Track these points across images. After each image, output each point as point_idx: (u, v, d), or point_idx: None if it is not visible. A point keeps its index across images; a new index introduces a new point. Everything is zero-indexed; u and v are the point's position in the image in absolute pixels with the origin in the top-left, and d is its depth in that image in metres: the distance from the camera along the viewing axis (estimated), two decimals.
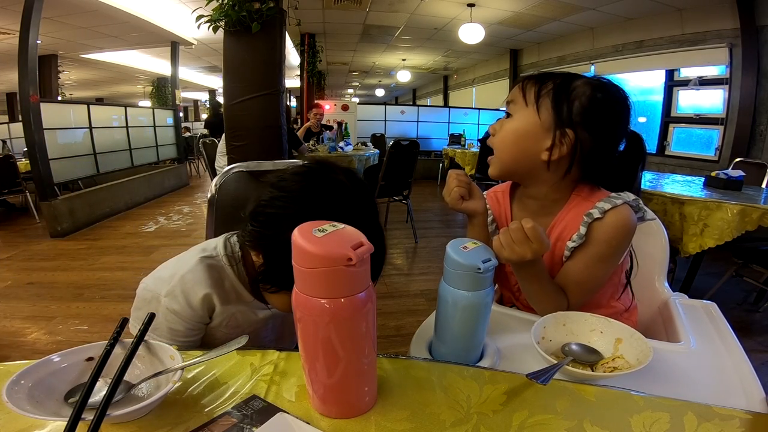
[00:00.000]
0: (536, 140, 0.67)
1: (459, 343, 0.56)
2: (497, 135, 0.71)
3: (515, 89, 0.70)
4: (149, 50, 7.12)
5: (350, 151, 4.10)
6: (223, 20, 2.31)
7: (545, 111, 0.66)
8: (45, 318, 2.18)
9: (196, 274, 0.64)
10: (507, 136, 0.69)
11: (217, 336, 0.69)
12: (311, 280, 0.38)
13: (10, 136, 6.07)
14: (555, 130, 0.65)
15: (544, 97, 0.67)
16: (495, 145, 0.71)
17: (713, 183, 2.37)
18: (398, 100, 16.59)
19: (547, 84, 0.67)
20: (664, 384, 0.54)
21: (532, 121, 0.67)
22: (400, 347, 1.89)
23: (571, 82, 0.67)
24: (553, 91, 0.66)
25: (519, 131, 0.68)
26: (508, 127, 0.69)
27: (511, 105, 0.70)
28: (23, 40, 3.35)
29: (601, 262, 0.68)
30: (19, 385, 0.39)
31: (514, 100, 0.69)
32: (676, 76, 4.81)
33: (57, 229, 3.67)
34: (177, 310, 0.64)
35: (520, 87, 0.69)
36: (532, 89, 0.68)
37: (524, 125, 0.67)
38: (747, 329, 2.12)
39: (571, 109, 0.65)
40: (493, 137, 0.72)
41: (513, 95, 0.70)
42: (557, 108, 0.65)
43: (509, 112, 0.70)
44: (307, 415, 0.42)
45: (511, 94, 0.70)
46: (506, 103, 0.71)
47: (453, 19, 5.70)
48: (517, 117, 0.69)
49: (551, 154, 0.66)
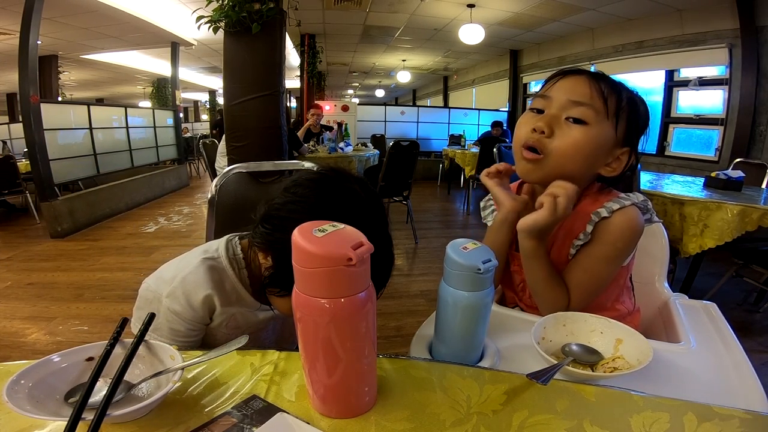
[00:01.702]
0: (605, 154, 0.64)
1: (459, 344, 0.56)
2: (559, 139, 0.62)
3: (590, 89, 0.62)
4: (149, 51, 7.13)
5: (350, 152, 4.09)
6: (223, 21, 2.31)
7: (621, 127, 0.63)
8: (45, 318, 2.18)
9: (197, 275, 0.65)
10: (581, 146, 0.61)
11: (217, 336, 0.70)
12: (311, 280, 0.38)
13: (10, 136, 6.07)
14: (622, 147, 0.64)
15: (623, 111, 0.63)
16: (555, 152, 0.62)
17: (713, 183, 2.37)
18: (398, 100, 16.60)
19: (621, 95, 0.63)
20: (664, 384, 0.54)
21: (610, 136, 0.63)
22: (400, 347, 1.89)
23: (632, 96, 0.65)
24: (629, 107, 0.63)
25: (597, 144, 0.62)
26: (583, 138, 0.61)
27: (584, 108, 0.61)
28: (23, 40, 3.35)
29: (605, 262, 0.67)
30: (19, 385, 0.39)
31: (591, 104, 0.61)
32: (676, 77, 4.81)
33: (57, 229, 3.68)
34: (178, 311, 0.64)
35: (599, 90, 0.62)
36: (613, 98, 0.62)
37: (602, 139, 0.62)
38: (747, 329, 2.12)
39: (639, 129, 0.65)
40: (548, 138, 0.63)
41: (588, 96, 0.61)
42: (632, 127, 0.64)
43: (581, 118, 0.61)
44: (307, 415, 0.42)
45: (582, 92, 0.62)
46: (571, 102, 0.62)
47: (453, 20, 5.71)
48: (595, 128, 0.61)
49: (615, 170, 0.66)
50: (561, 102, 0.63)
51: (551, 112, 0.64)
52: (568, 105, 0.63)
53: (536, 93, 0.68)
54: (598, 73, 0.66)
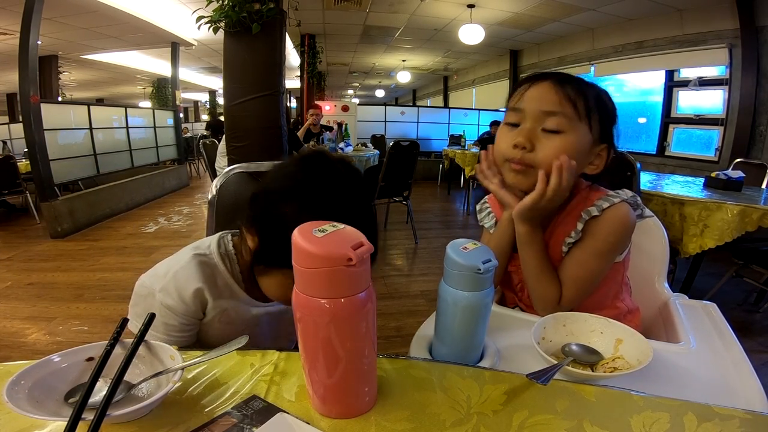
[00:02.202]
0: (586, 155, 0.66)
1: (459, 344, 0.56)
2: (542, 152, 0.63)
3: (559, 99, 0.62)
4: (149, 51, 7.13)
5: (350, 152, 4.10)
6: (224, 21, 2.31)
7: (595, 126, 0.64)
8: (45, 318, 2.18)
9: (189, 270, 0.66)
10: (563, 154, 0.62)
11: (210, 333, 0.70)
12: (311, 280, 0.38)
13: (10, 136, 6.07)
14: (599, 145, 0.66)
15: (593, 110, 0.64)
16: (543, 165, 0.63)
17: (713, 183, 2.37)
18: (398, 100, 16.60)
19: (588, 96, 0.63)
20: (664, 384, 0.54)
21: (587, 138, 0.64)
22: (400, 348, 1.89)
23: (598, 92, 0.66)
24: (597, 105, 0.64)
25: (577, 149, 0.63)
26: (564, 146, 0.62)
27: (557, 118, 0.62)
28: (24, 40, 3.35)
29: (598, 257, 0.68)
30: (19, 385, 0.39)
31: (562, 111, 0.62)
32: (676, 77, 4.81)
33: (57, 229, 3.68)
34: (171, 305, 0.65)
35: (566, 96, 0.62)
36: (581, 101, 0.63)
37: (580, 143, 0.63)
38: (747, 330, 2.12)
39: (611, 122, 0.66)
40: (530, 152, 0.64)
41: (557, 104, 0.62)
42: (605, 123, 0.65)
43: (556, 129, 0.62)
44: (307, 415, 0.42)
45: (551, 100, 0.62)
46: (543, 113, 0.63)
47: (453, 20, 5.71)
48: (572, 134, 0.62)
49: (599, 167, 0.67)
50: (533, 113, 0.64)
51: (527, 126, 0.65)
52: (541, 116, 0.64)
53: (508, 105, 0.68)
54: (562, 76, 0.65)
